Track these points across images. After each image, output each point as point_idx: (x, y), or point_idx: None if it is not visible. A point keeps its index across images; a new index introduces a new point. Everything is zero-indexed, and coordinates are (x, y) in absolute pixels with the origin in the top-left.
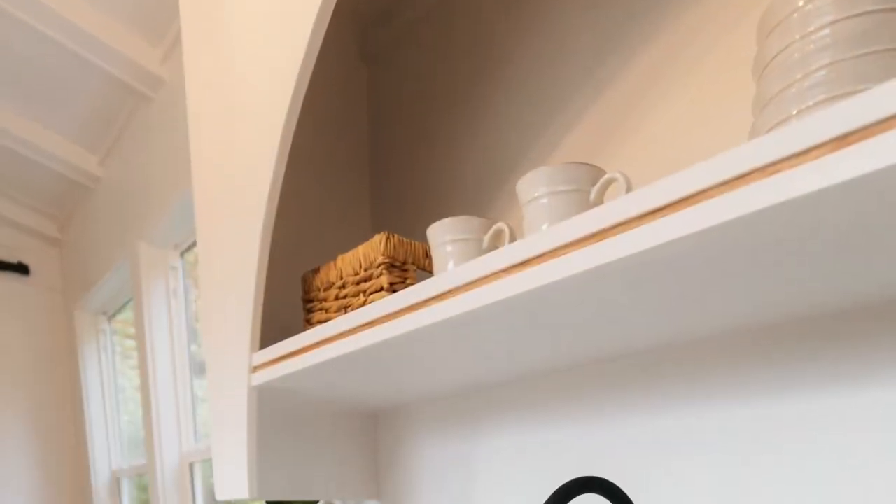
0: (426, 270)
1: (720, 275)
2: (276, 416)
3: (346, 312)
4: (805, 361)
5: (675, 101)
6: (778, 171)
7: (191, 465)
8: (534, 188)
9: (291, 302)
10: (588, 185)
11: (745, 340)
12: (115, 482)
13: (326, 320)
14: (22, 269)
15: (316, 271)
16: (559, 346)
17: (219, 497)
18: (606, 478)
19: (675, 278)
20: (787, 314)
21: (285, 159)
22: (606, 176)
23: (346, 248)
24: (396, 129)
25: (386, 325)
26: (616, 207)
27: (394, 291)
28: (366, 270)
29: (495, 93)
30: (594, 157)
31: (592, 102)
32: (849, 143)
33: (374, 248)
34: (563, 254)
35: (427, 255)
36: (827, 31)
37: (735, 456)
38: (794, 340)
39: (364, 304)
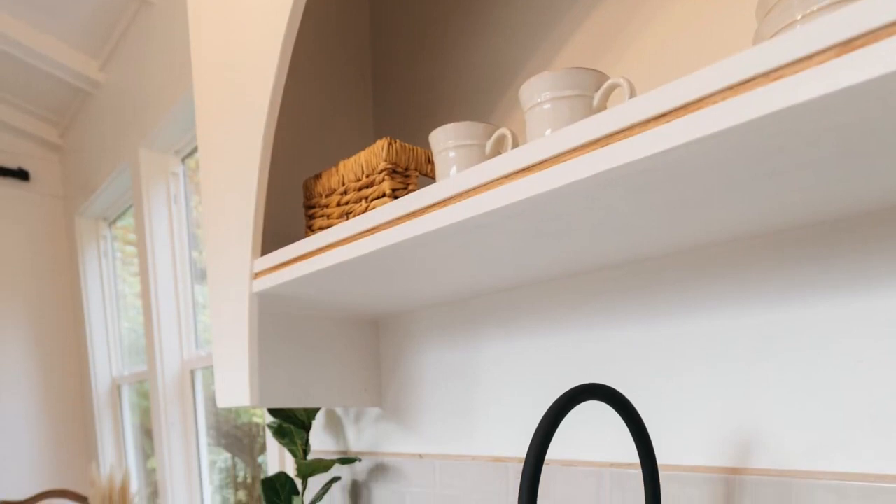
0: (429, 176)
1: (723, 182)
2: (277, 323)
3: (347, 219)
4: (809, 268)
5: (679, 7)
6: (781, 76)
7: (192, 373)
8: (536, 94)
9: (293, 208)
10: (591, 90)
11: (749, 247)
12: (116, 389)
13: (328, 226)
14: (22, 174)
15: (317, 177)
16: (561, 253)
17: (220, 404)
18: (609, 384)
19: (678, 185)
20: (791, 221)
21: (287, 64)
22: (610, 81)
23: (348, 154)
24: (399, 34)
25: (388, 231)
26: (619, 113)
27: (396, 197)
28: (368, 176)
29: None
30: (597, 62)
31: (595, 7)
32: (853, 49)
33: (376, 154)
34: (566, 160)
35: (429, 161)
36: None
37: (738, 363)
38: (798, 247)
39: (366, 210)
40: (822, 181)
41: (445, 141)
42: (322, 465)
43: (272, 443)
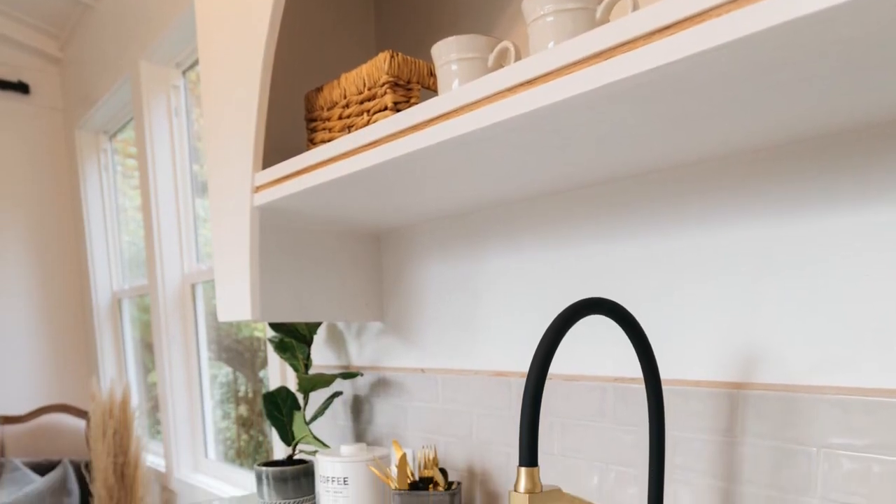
0: (431, 90)
1: (727, 95)
2: (278, 237)
3: (349, 132)
4: (812, 182)
5: None
6: None
7: (192, 286)
8: (539, 6)
9: (294, 121)
10: (594, 3)
11: (752, 161)
12: (116, 303)
13: (329, 140)
14: (22, 87)
15: (319, 90)
16: (564, 167)
17: (221, 318)
18: (612, 298)
19: (681, 98)
20: (794, 134)
21: None
22: None
23: (350, 67)
24: None
25: (390, 144)
26: (622, 26)
27: (398, 111)
28: (369, 89)
29: None
30: None
31: None
32: None
33: (378, 67)
34: (569, 73)
35: (432, 74)
36: None
37: (741, 277)
38: (802, 160)
39: (368, 123)
40: (826, 95)
41: (448, 54)
42: (323, 380)
43: (273, 357)
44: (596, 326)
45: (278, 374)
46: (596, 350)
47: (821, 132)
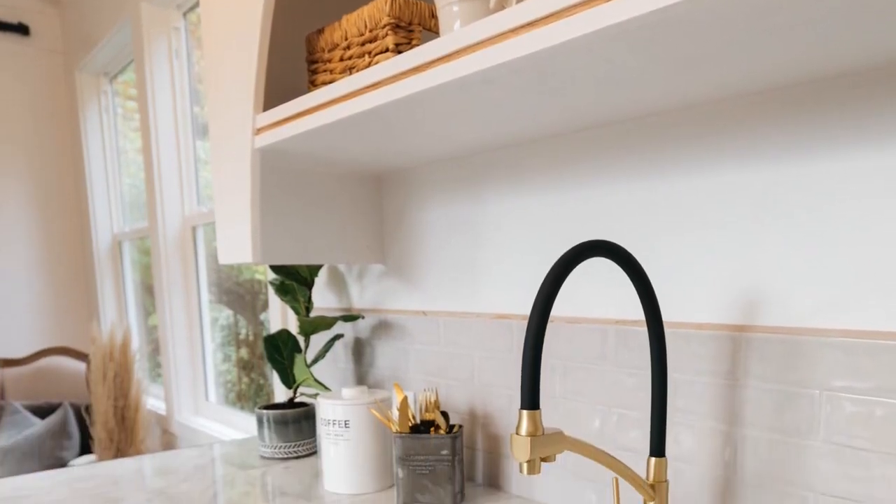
0: (432, 31)
1: (727, 38)
2: (279, 179)
3: (350, 74)
4: (814, 124)
5: None
6: None
7: (193, 229)
8: None
9: (295, 64)
10: None
11: (754, 103)
12: (117, 245)
13: (330, 82)
14: (22, 29)
15: (320, 32)
16: (566, 109)
17: (221, 261)
18: (614, 241)
19: (680, 41)
20: (795, 78)
21: None
22: None
23: (351, 9)
24: None
25: (391, 86)
26: None
27: (399, 52)
28: (371, 31)
29: None
30: None
31: None
32: None
33: (379, 9)
34: (571, 14)
35: (433, 16)
36: None
37: (744, 220)
38: (803, 103)
39: (369, 65)
40: (824, 38)
41: None
42: (324, 323)
43: (274, 300)
44: (598, 269)
45: (279, 316)
46: (598, 293)
47: (820, 75)
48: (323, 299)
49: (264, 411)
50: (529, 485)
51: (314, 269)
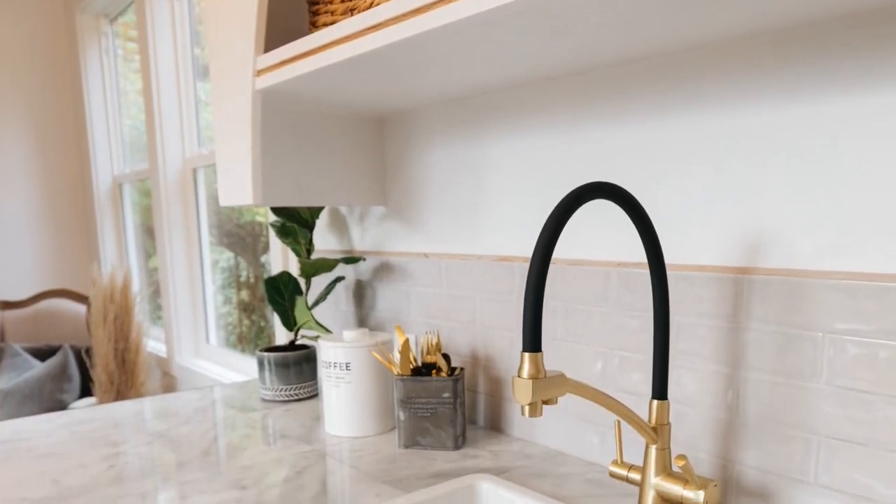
0: None
1: None
2: (280, 121)
3: (352, 15)
4: (816, 66)
5: None
6: None
7: (194, 171)
8: None
9: (296, 5)
10: None
11: (755, 45)
12: (117, 187)
13: (332, 23)
14: None
15: None
16: (568, 51)
17: (222, 203)
18: (616, 182)
19: None
20: (800, 18)
21: None
22: None
23: None
24: None
25: (393, 28)
26: None
27: None
28: None
29: None
30: None
31: None
32: None
33: None
34: None
35: None
36: None
37: (746, 162)
38: (805, 44)
39: (371, 6)
40: None
41: None
42: (326, 265)
43: (275, 242)
44: (600, 211)
45: (280, 258)
46: (600, 235)
47: (823, 16)
48: (324, 241)
49: (265, 354)
50: (531, 427)
51: (315, 212)
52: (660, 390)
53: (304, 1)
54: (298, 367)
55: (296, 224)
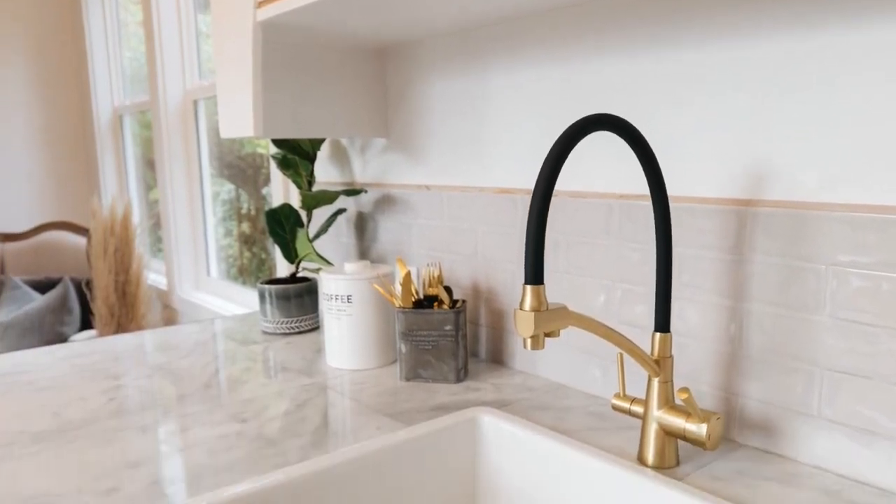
0: None
1: None
2: (281, 53)
3: None
4: None
5: None
6: None
7: (194, 103)
8: None
9: None
10: None
11: None
12: (117, 119)
13: None
14: None
15: None
16: None
17: (223, 135)
18: (619, 115)
19: None
20: None
21: None
22: None
23: None
24: None
25: None
26: None
27: None
28: None
29: None
30: None
31: None
32: None
33: None
34: None
35: None
36: None
37: (750, 93)
38: None
39: None
40: None
41: None
42: (327, 197)
43: (276, 174)
44: (602, 143)
45: (281, 191)
46: (602, 167)
47: None
48: (325, 173)
49: (266, 286)
50: (533, 360)
51: (316, 143)
52: (662, 323)
53: None
54: (299, 299)
55: (297, 156)
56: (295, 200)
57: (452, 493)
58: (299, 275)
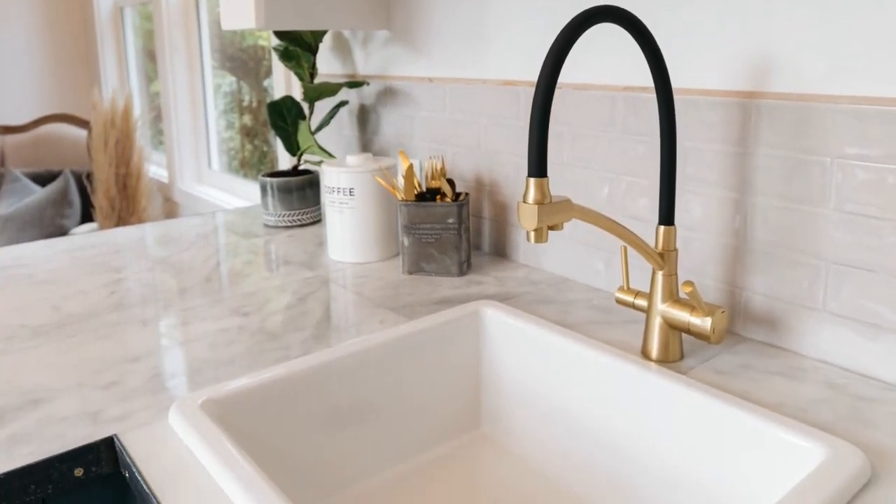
0: None
1: None
2: None
3: None
4: None
5: None
6: None
7: None
8: None
9: None
10: None
11: None
12: (118, 11)
13: None
14: None
15: None
16: None
17: (224, 27)
18: (623, 6)
19: None
20: None
21: None
22: None
23: None
24: None
25: None
26: None
27: None
28: None
29: None
30: None
31: None
32: None
33: None
34: None
35: None
36: None
37: None
38: None
39: None
40: None
41: None
42: (329, 89)
43: (278, 66)
44: (606, 35)
45: (283, 83)
46: (606, 59)
47: None
48: (327, 65)
49: (268, 179)
50: (536, 254)
51: (318, 35)
52: (666, 216)
53: None
54: (301, 192)
55: (299, 48)
56: (297, 92)
57: (456, 388)
58: (301, 167)
